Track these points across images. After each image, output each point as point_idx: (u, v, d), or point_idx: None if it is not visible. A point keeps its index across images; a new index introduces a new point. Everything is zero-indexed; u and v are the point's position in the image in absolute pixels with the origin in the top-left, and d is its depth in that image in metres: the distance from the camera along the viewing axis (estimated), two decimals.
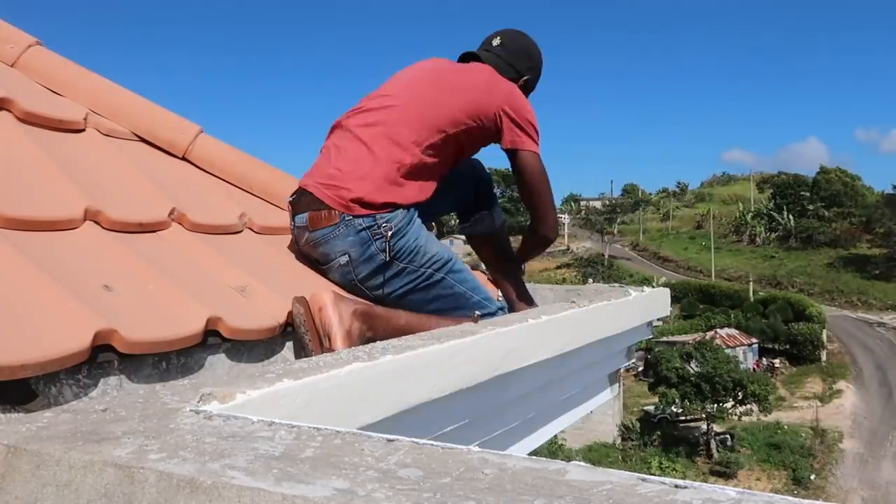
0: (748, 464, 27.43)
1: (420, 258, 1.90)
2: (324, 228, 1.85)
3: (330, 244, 1.86)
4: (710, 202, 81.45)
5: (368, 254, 1.85)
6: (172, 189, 1.82)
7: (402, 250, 1.87)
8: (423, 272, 1.91)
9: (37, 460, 0.70)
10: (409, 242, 1.88)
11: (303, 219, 1.89)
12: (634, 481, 0.60)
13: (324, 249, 1.88)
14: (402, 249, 1.87)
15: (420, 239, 1.91)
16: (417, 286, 1.91)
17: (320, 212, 1.85)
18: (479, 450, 0.70)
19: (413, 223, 1.91)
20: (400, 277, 1.89)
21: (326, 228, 1.85)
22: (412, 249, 1.88)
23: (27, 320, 1.06)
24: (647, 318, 2.44)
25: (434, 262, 1.92)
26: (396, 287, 1.90)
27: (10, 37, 2.09)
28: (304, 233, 1.89)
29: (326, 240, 1.86)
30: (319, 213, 1.85)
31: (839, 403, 33.30)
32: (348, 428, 0.81)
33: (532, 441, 2.03)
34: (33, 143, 1.62)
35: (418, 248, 1.90)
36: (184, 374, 1.25)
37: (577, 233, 77.03)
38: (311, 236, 1.88)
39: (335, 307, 1.62)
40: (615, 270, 55.03)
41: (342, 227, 1.84)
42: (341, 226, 1.84)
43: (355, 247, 1.84)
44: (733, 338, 36.98)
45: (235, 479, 0.61)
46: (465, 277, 2.01)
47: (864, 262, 55.64)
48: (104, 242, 1.44)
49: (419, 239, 1.91)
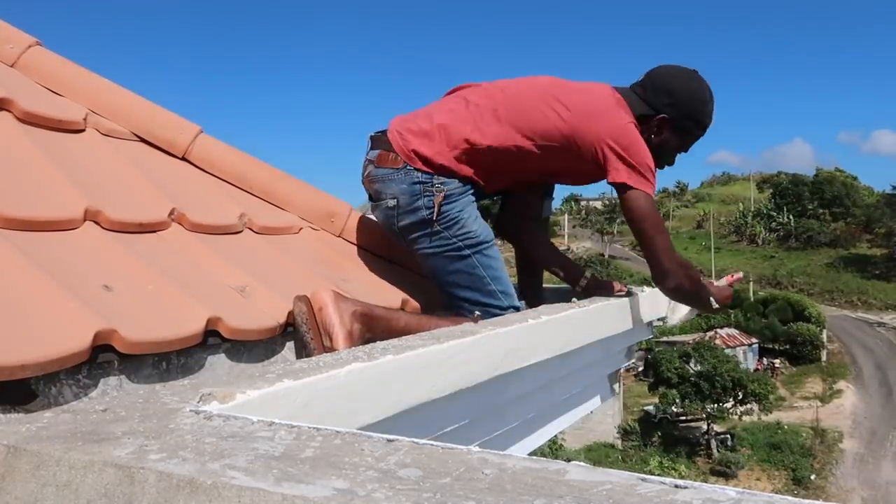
0: (748, 464, 27.44)
1: (457, 229, 1.97)
2: (386, 168, 1.98)
3: (385, 184, 1.99)
4: (710, 202, 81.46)
5: (415, 205, 1.95)
6: (172, 189, 1.82)
7: (444, 214, 1.95)
8: (455, 243, 1.97)
9: (37, 460, 0.70)
10: (453, 211, 1.96)
11: (374, 154, 2.02)
12: (634, 481, 0.60)
13: (378, 187, 2.01)
14: (445, 214, 1.95)
15: (465, 212, 1.98)
16: (444, 253, 1.98)
17: (389, 153, 1.98)
18: (479, 450, 0.70)
19: (465, 195, 1.99)
20: (432, 238, 1.97)
21: (388, 169, 1.98)
22: (453, 218, 1.96)
23: (27, 320, 1.06)
24: (647, 318, 2.43)
25: (468, 237, 1.98)
26: (425, 245, 1.98)
27: (10, 37, 2.09)
28: (369, 166, 2.03)
29: (384, 179, 1.99)
30: (388, 154, 1.98)
31: (839, 403, 33.30)
32: (348, 428, 0.81)
33: (532, 441, 2.03)
34: (33, 143, 1.62)
35: (460, 218, 1.97)
36: (184, 374, 1.25)
37: (577, 233, 77.01)
38: (373, 171, 2.02)
39: (336, 307, 1.62)
40: (615, 270, 55.01)
41: (402, 173, 1.96)
42: (402, 171, 1.96)
43: (406, 195, 1.96)
44: (733, 338, 36.98)
45: (235, 479, 0.61)
46: (492, 264, 2.02)
47: (864, 262, 55.66)
48: (104, 242, 1.44)
49: (464, 212, 1.98)
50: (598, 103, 2.02)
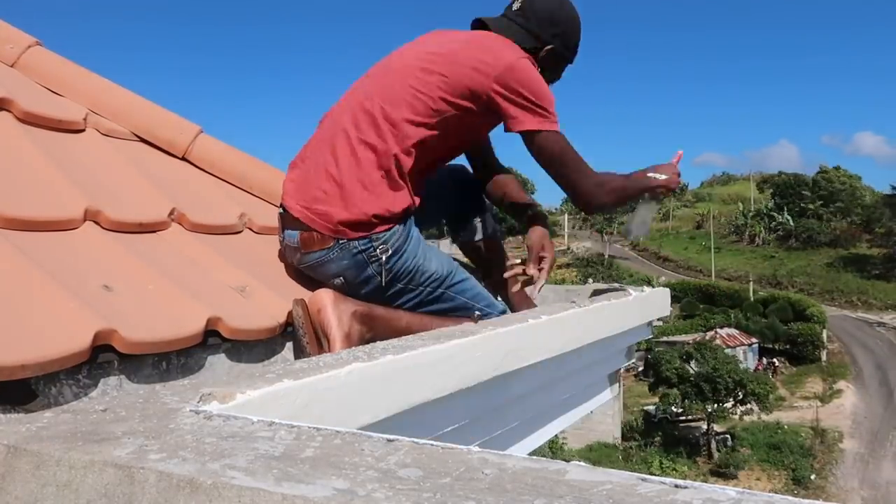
0: (748, 464, 27.44)
1: (419, 277, 1.82)
2: (317, 251, 1.75)
3: (324, 266, 1.76)
4: (710, 202, 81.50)
5: (364, 276, 1.76)
6: (172, 189, 1.82)
7: (399, 271, 1.78)
8: (423, 290, 1.84)
9: (37, 460, 0.70)
10: (406, 263, 1.78)
11: (293, 238, 1.77)
12: (634, 481, 0.60)
13: (319, 272, 1.79)
14: (400, 271, 1.78)
15: (419, 257, 1.81)
16: (418, 303, 1.85)
17: (312, 233, 1.74)
18: (479, 450, 0.70)
19: (410, 239, 1.80)
20: (399, 296, 1.82)
21: (320, 252, 1.75)
22: (410, 270, 1.80)
23: (27, 320, 1.06)
24: (647, 318, 2.43)
25: (433, 280, 1.84)
26: (397, 303, 1.83)
27: (10, 37, 2.09)
28: (296, 253, 1.79)
29: (321, 262, 1.76)
30: (312, 235, 1.74)
31: (839, 403, 33.30)
32: (348, 428, 0.81)
33: (532, 441, 2.03)
34: (33, 143, 1.62)
35: (416, 267, 1.80)
36: (184, 374, 1.25)
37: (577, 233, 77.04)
38: (304, 258, 1.78)
39: (335, 308, 1.60)
40: (615, 270, 55.04)
41: (336, 251, 1.74)
42: (335, 249, 1.74)
43: (351, 270, 1.75)
44: (733, 338, 37.00)
45: (235, 479, 0.61)
46: (466, 287, 1.92)
47: (864, 262, 55.66)
48: (104, 242, 1.44)
49: (417, 257, 1.81)
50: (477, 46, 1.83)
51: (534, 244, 2.01)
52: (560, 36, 1.99)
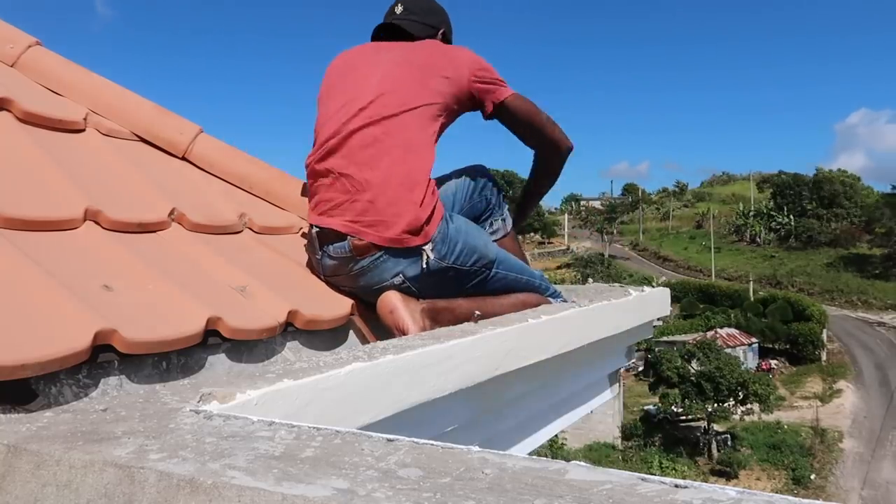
0: (748, 463, 27.45)
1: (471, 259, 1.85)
2: (370, 256, 1.75)
3: (380, 268, 1.76)
4: (710, 202, 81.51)
5: (423, 270, 1.77)
6: (172, 189, 1.82)
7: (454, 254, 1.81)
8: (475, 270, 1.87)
9: (37, 460, 0.70)
10: (457, 247, 1.82)
11: (343, 248, 1.76)
12: (634, 481, 0.60)
13: (374, 275, 1.77)
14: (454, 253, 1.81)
15: (469, 237, 1.85)
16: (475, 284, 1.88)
17: (366, 242, 1.74)
18: (479, 450, 0.70)
19: (450, 222, 1.83)
20: (458, 280, 1.85)
21: (373, 255, 1.75)
22: (461, 251, 1.83)
23: (27, 320, 1.06)
24: (647, 318, 2.43)
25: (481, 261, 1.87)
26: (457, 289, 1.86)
27: (10, 37, 2.09)
28: (348, 262, 1.76)
29: (377, 265, 1.75)
30: (367, 244, 1.74)
31: (839, 403, 33.32)
32: (348, 428, 0.81)
33: (532, 441, 2.03)
34: (33, 143, 1.62)
35: (466, 247, 1.83)
36: (184, 374, 1.25)
37: (577, 233, 77.05)
38: (356, 265, 1.76)
39: (406, 307, 1.68)
40: (615, 270, 55.02)
41: (392, 251, 1.75)
42: (391, 250, 1.75)
43: (410, 266, 1.76)
44: (733, 337, 37.03)
45: (235, 479, 0.61)
46: (513, 264, 1.99)
47: (864, 262, 55.71)
48: (104, 242, 1.44)
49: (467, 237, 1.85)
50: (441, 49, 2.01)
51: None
52: (444, 20, 2.21)
